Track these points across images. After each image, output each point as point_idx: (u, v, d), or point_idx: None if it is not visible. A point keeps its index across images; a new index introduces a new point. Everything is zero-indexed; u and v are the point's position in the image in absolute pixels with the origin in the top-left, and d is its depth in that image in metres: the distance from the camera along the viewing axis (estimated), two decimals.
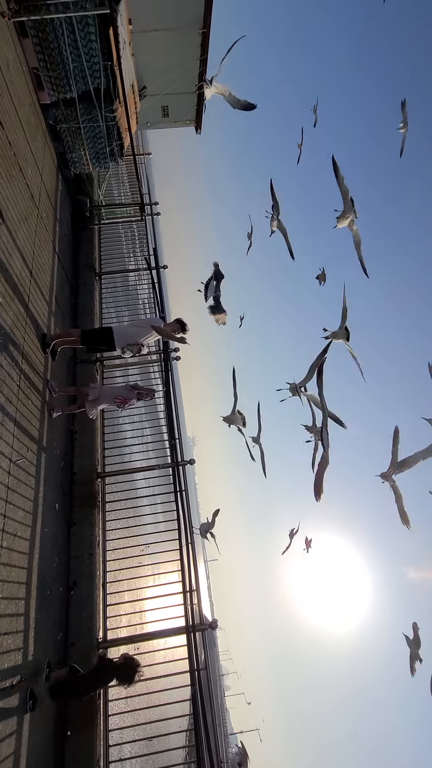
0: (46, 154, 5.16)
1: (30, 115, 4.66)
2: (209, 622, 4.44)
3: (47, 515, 3.57)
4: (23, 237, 3.93)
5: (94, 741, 3.38)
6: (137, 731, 4.17)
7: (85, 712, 3.46)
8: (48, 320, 4.35)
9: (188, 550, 4.38)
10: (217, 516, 7.75)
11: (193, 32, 7.50)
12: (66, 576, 3.91)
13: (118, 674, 3.15)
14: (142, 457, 5.50)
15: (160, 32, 7.41)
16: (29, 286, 3.91)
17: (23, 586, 3.01)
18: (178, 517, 4.56)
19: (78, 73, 4.83)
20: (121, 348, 4.24)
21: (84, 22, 4.47)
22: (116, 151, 5.83)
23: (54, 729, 3.23)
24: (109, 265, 6.84)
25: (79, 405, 4.32)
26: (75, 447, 4.66)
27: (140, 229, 7.79)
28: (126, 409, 4.44)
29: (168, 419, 5.42)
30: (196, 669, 3.78)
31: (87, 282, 6.05)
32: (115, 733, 3.63)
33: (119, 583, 4.34)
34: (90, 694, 3.28)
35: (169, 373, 5.60)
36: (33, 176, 4.52)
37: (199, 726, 3.53)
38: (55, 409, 4.02)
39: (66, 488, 4.28)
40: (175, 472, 4.85)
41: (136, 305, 6.92)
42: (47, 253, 4.69)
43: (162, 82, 8.04)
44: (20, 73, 4.48)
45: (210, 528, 7.61)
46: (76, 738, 3.35)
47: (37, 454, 3.57)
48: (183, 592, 4.23)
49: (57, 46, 4.61)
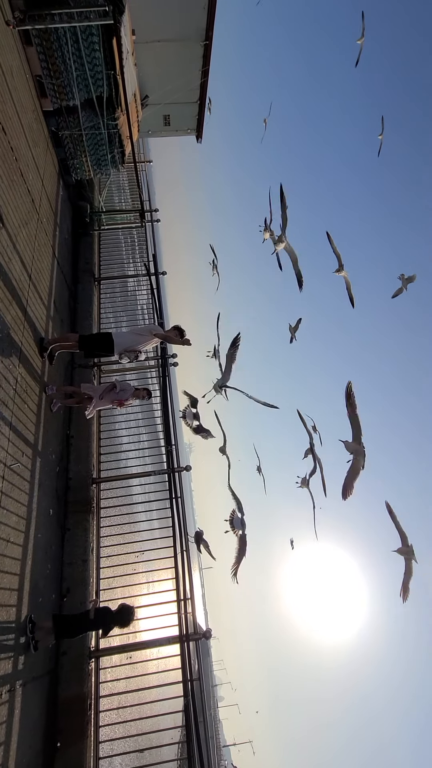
0: (47, 160, 5.20)
1: (32, 122, 4.70)
2: (203, 631, 4.38)
3: (41, 521, 3.53)
4: (23, 241, 3.95)
5: (84, 753, 3.31)
6: (128, 743, 4.09)
7: (76, 722, 3.40)
8: (46, 324, 4.35)
9: (183, 558, 4.34)
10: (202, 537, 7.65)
11: (195, 44, 7.63)
12: (59, 583, 3.86)
13: (116, 618, 3.29)
14: (138, 463, 5.47)
15: (163, 43, 7.52)
16: (28, 289, 3.92)
17: (15, 593, 2.96)
18: (174, 524, 4.52)
19: (81, 81, 4.89)
20: (119, 354, 4.24)
21: (88, 31, 4.54)
22: (117, 158, 5.88)
23: (43, 740, 3.16)
24: (109, 270, 6.86)
25: (78, 400, 4.34)
26: (71, 452, 4.63)
27: (140, 236, 7.84)
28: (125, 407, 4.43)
29: (165, 425, 5.40)
30: (190, 679, 3.73)
31: (86, 287, 6.06)
32: (105, 745, 3.56)
33: (113, 591, 4.28)
34: (86, 632, 3.44)
35: (167, 378, 5.60)
36: (34, 181, 4.54)
37: (191, 738, 3.47)
38: (54, 402, 4.07)
39: (61, 493, 4.25)
40: (171, 479, 4.83)
41: (134, 311, 6.94)
42: (47, 257, 4.71)
43: (164, 92, 8.16)
44: (24, 81, 4.53)
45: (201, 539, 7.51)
46: (66, 750, 3.28)
47: (32, 458, 3.54)
48: (177, 601, 4.18)
49: (61, 55, 4.66)
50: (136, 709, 4.03)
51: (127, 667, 4.23)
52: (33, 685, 3.05)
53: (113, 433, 5.48)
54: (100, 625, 3.34)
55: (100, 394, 4.26)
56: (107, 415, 5.39)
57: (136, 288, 7.29)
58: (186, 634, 3.95)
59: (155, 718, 4.17)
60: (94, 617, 3.31)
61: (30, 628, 2.98)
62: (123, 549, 4.51)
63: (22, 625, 2.96)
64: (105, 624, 3.33)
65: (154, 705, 4.18)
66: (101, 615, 3.32)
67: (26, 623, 2.98)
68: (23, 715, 2.82)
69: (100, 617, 3.31)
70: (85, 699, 3.50)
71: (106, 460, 5.03)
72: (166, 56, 7.77)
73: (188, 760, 3.50)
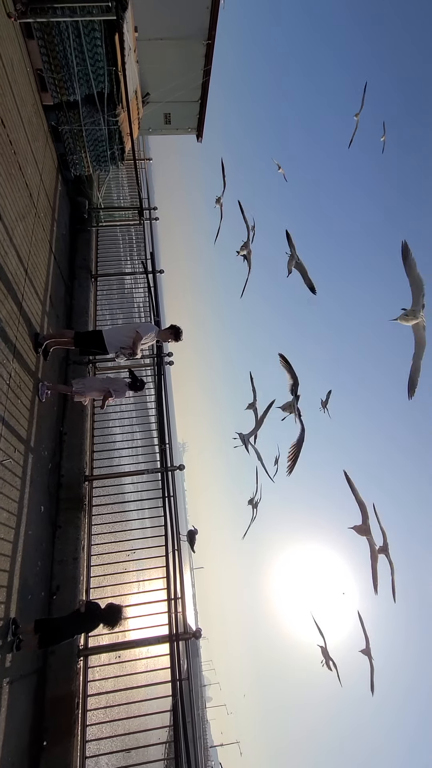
0: (46, 154, 5.16)
1: (32, 116, 4.67)
2: (193, 631, 4.37)
3: (32, 517, 3.50)
4: (20, 235, 3.91)
5: (70, 752, 3.28)
6: (115, 742, 4.07)
7: (63, 721, 3.37)
8: (41, 320, 4.32)
9: (175, 557, 4.33)
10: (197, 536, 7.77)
11: (197, 43, 7.62)
12: (49, 580, 3.83)
13: (104, 617, 3.23)
14: (132, 461, 5.45)
15: (165, 41, 7.51)
16: (24, 284, 3.88)
17: (3, 589, 2.93)
18: (166, 523, 4.51)
19: (82, 76, 4.86)
20: (115, 352, 4.23)
21: (90, 27, 4.52)
22: (117, 155, 5.86)
23: (29, 739, 3.13)
24: (106, 267, 6.83)
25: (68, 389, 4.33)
26: (63, 449, 4.60)
27: (138, 233, 7.81)
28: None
29: (159, 423, 5.38)
30: (179, 679, 3.71)
31: (83, 283, 6.03)
32: (92, 744, 3.53)
33: (103, 589, 4.26)
34: (75, 636, 3.36)
35: (162, 377, 5.58)
36: (32, 175, 4.51)
37: (179, 738, 3.45)
38: (43, 391, 4.00)
39: (53, 490, 4.22)
40: (164, 477, 4.81)
41: (131, 308, 6.91)
42: (44, 252, 4.67)
43: (165, 90, 8.14)
44: (24, 74, 4.50)
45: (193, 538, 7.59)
46: (52, 749, 3.25)
47: (25, 454, 3.51)
48: (168, 600, 4.16)
49: (62, 49, 4.64)
50: (123, 708, 4.01)
51: (115, 666, 4.21)
52: (20, 683, 3.02)
53: (107, 431, 5.46)
54: (87, 624, 3.29)
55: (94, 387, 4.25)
56: (101, 413, 5.35)
57: (133, 286, 7.26)
58: (176, 634, 3.94)
59: (143, 717, 4.15)
60: (83, 613, 3.27)
61: (13, 630, 2.93)
62: (114, 547, 4.49)
63: (6, 625, 2.92)
64: (92, 622, 3.29)
65: (142, 704, 4.17)
66: (90, 610, 3.28)
67: (9, 625, 2.92)
68: (9, 714, 2.79)
69: (88, 614, 3.27)
70: (73, 698, 3.47)
71: (99, 458, 5.00)
72: (168, 54, 7.76)
73: (175, 759, 3.49)
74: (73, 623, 3.22)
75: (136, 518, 4.86)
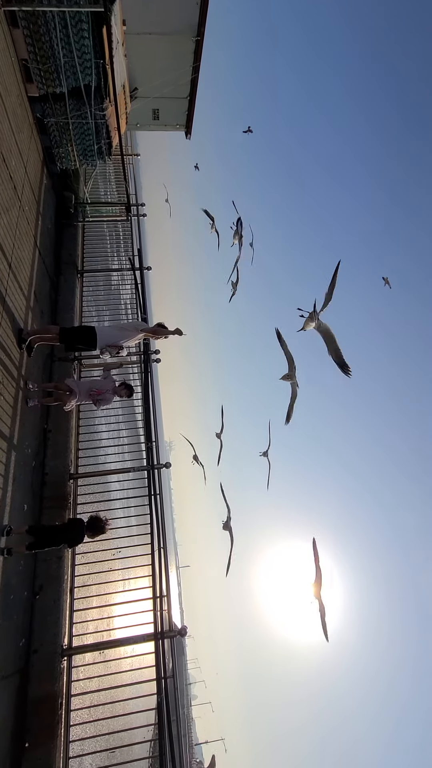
0: (31, 147, 5.06)
1: (17, 107, 4.57)
2: (179, 629, 4.36)
3: (14, 516, 3.44)
4: (3, 228, 3.83)
5: (53, 753, 3.25)
6: (99, 742, 4.04)
7: (46, 722, 3.33)
8: (25, 315, 4.24)
9: (160, 555, 4.31)
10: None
11: (186, 39, 7.56)
12: (31, 580, 3.77)
13: (89, 527, 3.47)
14: (117, 459, 5.40)
15: (154, 36, 7.43)
16: (7, 279, 3.81)
17: None
18: (152, 521, 4.48)
19: (69, 68, 4.77)
20: (101, 349, 4.18)
21: (77, 17, 4.43)
22: (104, 150, 5.78)
23: (11, 741, 3.09)
24: (92, 263, 6.74)
25: (56, 398, 4.24)
26: (48, 447, 4.53)
27: (125, 229, 7.73)
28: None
29: (145, 421, 5.35)
30: (164, 677, 3.71)
31: (68, 279, 5.94)
32: (75, 744, 3.50)
33: (87, 588, 4.22)
34: (62, 545, 3.54)
35: (149, 375, 5.55)
36: (17, 168, 4.42)
37: (163, 736, 3.45)
38: (31, 398, 3.98)
39: (36, 489, 4.15)
40: (150, 475, 4.79)
41: (117, 305, 6.84)
42: (28, 246, 4.58)
43: (154, 86, 8.06)
44: (9, 64, 4.39)
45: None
46: (34, 750, 3.21)
47: (7, 452, 3.45)
48: (153, 598, 4.15)
49: (48, 40, 4.54)
50: (108, 707, 3.98)
51: (100, 665, 4.18)
52: (1, 684, 2.97)
53: (92, 429, 5.40)
54: (75, 535, 3.47)
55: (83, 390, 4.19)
56: (86, 410, 5.30)
57: (119, 282, 7.19)
58: (161, 632, 3.93)
59: (128, 716, 4.13)
60: (70, 526, 3.50)
61: (7, 531, 3.11)
62: (99, 546, 4.45)
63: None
64: (79, 533, 3.47)
65: (126, 703, 4.15)
66: (73, 525, 3.50)
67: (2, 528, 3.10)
68: None
69: (75, 526, 3.48)
70: (56, 698, 3.43)
71: (84, 456, 4.95)
72: (157, 49, 7.67)
73: (160, 757, 3.49)
74: (61, 533, 3.45)
75: (121, 516, 4.82)
